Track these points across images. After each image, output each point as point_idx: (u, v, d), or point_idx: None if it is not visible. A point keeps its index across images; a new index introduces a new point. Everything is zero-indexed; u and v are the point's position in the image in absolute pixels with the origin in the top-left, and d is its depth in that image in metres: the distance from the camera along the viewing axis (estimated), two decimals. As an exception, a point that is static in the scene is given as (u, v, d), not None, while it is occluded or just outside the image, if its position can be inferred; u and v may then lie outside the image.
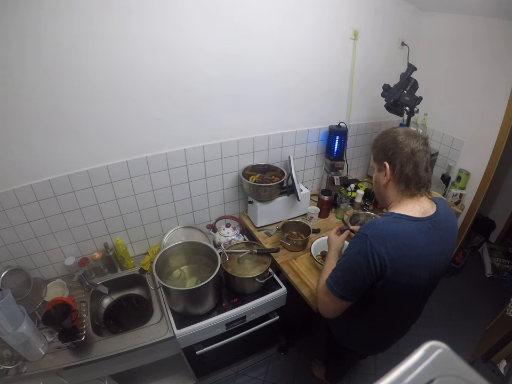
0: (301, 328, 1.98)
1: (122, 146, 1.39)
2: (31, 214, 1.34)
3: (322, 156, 2.01)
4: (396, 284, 0.88)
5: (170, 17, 1.24)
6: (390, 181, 0.94)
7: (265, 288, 1.48)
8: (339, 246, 1.19)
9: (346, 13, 1.63)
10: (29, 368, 1.17)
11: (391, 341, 1.21)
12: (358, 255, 0.87)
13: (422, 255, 0.87)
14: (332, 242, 1.22)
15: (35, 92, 1.14)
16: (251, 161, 1.77)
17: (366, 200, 1.94)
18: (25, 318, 1.13)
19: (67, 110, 1.22)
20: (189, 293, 1.26)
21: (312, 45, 1.61)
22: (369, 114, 2.07)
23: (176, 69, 1.33)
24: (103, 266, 1.58)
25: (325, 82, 1.77)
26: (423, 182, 0.91)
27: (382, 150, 0.94)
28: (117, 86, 1.26)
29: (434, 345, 0.26)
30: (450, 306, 2.25)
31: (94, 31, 1.14)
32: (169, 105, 1.40)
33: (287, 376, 1.84)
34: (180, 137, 1.49)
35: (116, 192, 1.46)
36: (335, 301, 0.95)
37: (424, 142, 0.90)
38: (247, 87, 1.54)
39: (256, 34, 1.44)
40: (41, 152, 1.25)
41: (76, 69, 1.17)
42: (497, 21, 1.62)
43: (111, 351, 1.24)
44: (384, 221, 0.88)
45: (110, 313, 1.51)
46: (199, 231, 1.74)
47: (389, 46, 1.89)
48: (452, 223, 0.97)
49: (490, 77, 1.73)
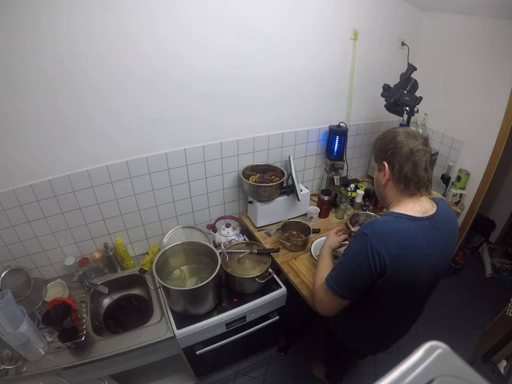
0: (301, 328, 1.98)
1: (122, 146, 1.39)
2: (31, 214, 1.34)
3: (322, 155, 2.01)
4: (396, 283, 0.88)
5: (171, 15, 1.24)
6: (390, 181, 0.95)
7: (265, 288, 1.48)
8: (333, 244, 1.23)
9: (346, 13, 1.63)
10: (29, 368, 1.17)
11: (391, 341, 1.22)
12: (358, 254, 0.88)
13: (422, 255, 0.87)
14: (328, 238, 1.26)
15: (34, 92, 1.14)
16: (251, 161, 1.77)
17: (366, 200, 1.94)
18: (25, 318, 1.13)
19: (67, 110, 1.22)
20: (189, 293, 1.26)
21: (312, 44, 1.61)
22: (369, 114, 2.07)
23: (176, 69, 1.33)
24: (103, 266, 1.58)
25: (325, 82, 1.77)
26: (423, 182, 0.91)
27: (382, 150, 0.94)
28: (117, 86, 1.26)
29: (434, 345, 0.25)
30: (450, 306, 2.25)
31: (93, 29, 1.13)
32: (169, 105, 1.39)
33: (287, 376, 1.84)
34: (179, 137, 1.49)
35: (116, 192, 1.47)
36: (334, 299, 0.96)
37: (423, 142, 0.90)
38: (246, 87, 1.54)
39: (256, 34, 1.44)
40: (41, 152, 1.25)
41: (75, 70, 1.16)
42: (497, 21, 1.62)
43: (111, 351, 1.24)
44: (384, 220, 0.89)
45: (110, 313, 1.51)
46: (199, 231, 1.74)
47: (389, 46, 1.89)
48: (452, 223, 0.97)
49: (490, 77, 1.73)
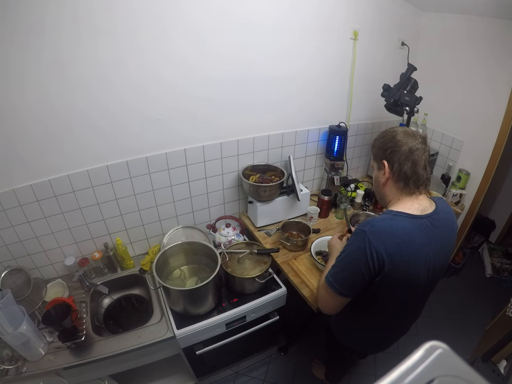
0: (301, 328, 1.98)
1: (122, 146, 1.39)
2: (31, 214, 1.34)
3: (322, 155, 2.01)
4: (394, 280, 0.88)
5: (179, 17, 1.24)
6: (389, 179, 0.95)
7: (265, 288, 1.48)
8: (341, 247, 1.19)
9: (346, 13, 1.63)
10: (29, 368, 1.17)
11: (391, 340, 1.22)
12: (356, 251, 0.88)
13: (421, 252, 0.88)
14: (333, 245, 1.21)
15: (34, 92, 1.14)
16: (251, 161, 1.77)
17: (366, 200, 1.94)
18: (25, 318, 1.13)
19: (67, 110, 1.22)
20: (189, 293, 1.26)
21: (312, 45, 1.61)
22: (369, 114, 2.07)
23: (176, 68, 1.33)
24: (103, 266, 1.58)
25: (325, 83, 1.77)
26: (422, 180, 0.92)
27: (381, 149, 0.95)
28: (116, 86, 1.26)
29: (434, 345, 0.25)
30: (450, 306, 2.25)
31: (98, 27, 1.14)
32: (169, 105, 1.39)
33: (287, 376, 1.84)
34: (179, 137, 1.49)
35: (115, 192, 1.46)
36: (334, 297, 0.96)
37: (422, 141, 0.91)
38: (247, 87, 1.54)
39: (257, 34, 1.43)
40: (41, 152, 1.25)
41: (74, 70, 1.16)
42: (497, 21, 1.61)
43: (111, 351, 1.24)
44: (382, 218, 0.89)
45: (110, 313, 1.51)
46: (199, 231, 1.74)
47: (389, 46, 1.89)
48: (451, 221, 0.97)
49: (490, 77, 1.73)
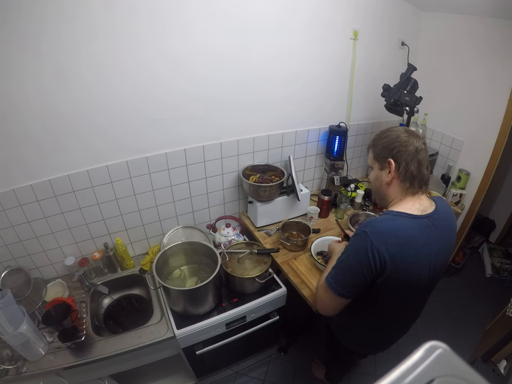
0: (301, 328, 1.98)
1: (122, 146, 1.39)
2: (31, 214, 1.34)
3: (322, 155, 2.01)
4: (396, 281, 0.88)
5: (178, 17, 1.24)
6: (394, 179, 0.94)
7: (265, 288, 1.48)
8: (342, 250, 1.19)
9: (346, 13, 1.63)
10: (29, 368, 1.17)
11: (391, 341, 1.21)
12: (358, 252, 0.87)
13: (422, 253, 0.88)
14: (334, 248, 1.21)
15: (34, 93, 1.14)
16: (251, 161, 1.77)
17: (366, 200, 1.94)
18: (25, 318, 1.13)
19: (67, 110, 1.22)
20: (189, 293, 1.26)
21: (312, 45, 1.61)
22: (369, 114, 2.07)
23: (177, 69, 1.33)
24: (103, 266, 1.58)
25: (326, 83, 1.77)
26: (425, 180, 0.93)
27: (386, 148, 0.93)
28: (117, 86, 1.26)
29: (434, 345, 0.25)
30: (450, 306, 2.25)
31: (97, 28, 1.14)
32: (169, 105, 1.39)
33: (287, 376, 1.83)
34: (180, 137, 1.49)
35: (116, 192, 1.47)
36: (334, 298, 0.95)
37: (423, 141, 0.92)
38: (247, 87, 1.54)
39: (257, 34, 1.44)
40: (41, 152, 1.25)
41: (74, 71, 1.17)
42: (497, 21, 1.61)
43: (111, 351, 1.24)
44: (383, 218, 0.89)
45: (110, 313, 1.51)
46: (199, 231, 1.74)
47: (389, 46, 1.89)
48: (451, 221, 0.98)
49: (490, 77, 1.73)
